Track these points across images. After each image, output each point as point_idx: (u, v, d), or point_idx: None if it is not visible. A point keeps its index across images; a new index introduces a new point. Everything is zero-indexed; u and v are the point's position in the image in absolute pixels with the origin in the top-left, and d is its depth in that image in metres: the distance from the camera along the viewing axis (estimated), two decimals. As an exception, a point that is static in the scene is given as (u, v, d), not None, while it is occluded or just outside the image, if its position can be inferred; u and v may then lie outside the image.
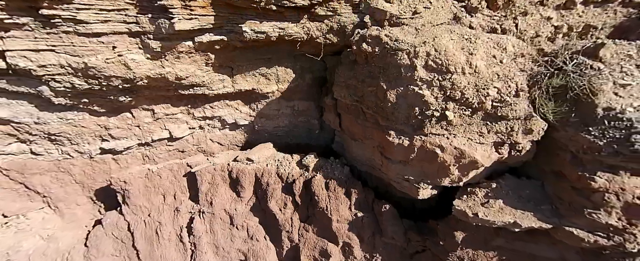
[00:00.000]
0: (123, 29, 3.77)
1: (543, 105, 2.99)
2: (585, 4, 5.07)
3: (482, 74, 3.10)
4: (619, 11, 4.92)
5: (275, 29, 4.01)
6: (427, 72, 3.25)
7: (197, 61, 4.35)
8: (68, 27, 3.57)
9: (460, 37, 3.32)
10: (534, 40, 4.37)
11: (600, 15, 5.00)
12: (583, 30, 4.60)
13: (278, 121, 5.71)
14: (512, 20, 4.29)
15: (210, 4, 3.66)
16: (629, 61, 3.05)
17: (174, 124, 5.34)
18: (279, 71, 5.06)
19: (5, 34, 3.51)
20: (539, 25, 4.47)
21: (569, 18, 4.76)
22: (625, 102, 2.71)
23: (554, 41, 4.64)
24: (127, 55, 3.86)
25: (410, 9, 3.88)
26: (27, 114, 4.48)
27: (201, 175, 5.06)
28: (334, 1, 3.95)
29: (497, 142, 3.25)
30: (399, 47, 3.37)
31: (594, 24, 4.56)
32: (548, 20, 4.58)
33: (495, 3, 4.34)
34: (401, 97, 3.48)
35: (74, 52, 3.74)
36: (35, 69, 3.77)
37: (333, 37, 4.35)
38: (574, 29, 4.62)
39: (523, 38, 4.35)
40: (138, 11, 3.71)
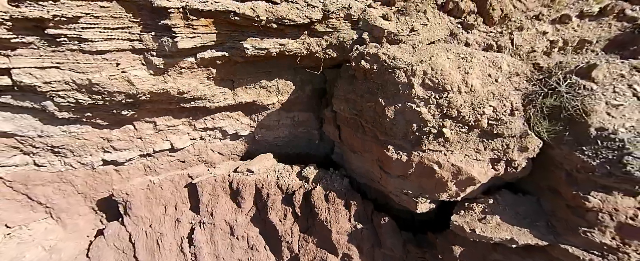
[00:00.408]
0: (126, 46, 3.85)
1: (538, 124, 3.05)
2: (580, 18, 5.17)
3: (477, 92, 3.17)
4: (613, 25, 5.00)
5: (275, 45, 4.09)
6: (424, 90, 3.32)
7: (199, 75, 4.43)
8: (73, 45, 3.65)
9: (457, 56, 3.40)
10: (530, 55, 4.44)
11: (595, 29, 5.09)
12: (578, 45, 4.67)
13: (278, 132, 5.77)
14: (508, 36, 4.37)
15: (212, 23, 3.74)
16: (621, 80, 3.12)
17: (175, 135, 5.41)
18: (279, 83, 5.14)
19: (12, 52, 3.59)
20: (534, 40, 4.54)
21: (564, 32, 4.84)
22: (617, 123, 2.77)
23: (550, 55, 4.72)
24: (130, 71, 3.93)
25: (407, 27, 3.96)
26: (31, 128, 4.55)
27: (202, 186, 5.11)
28: (333, 18, 4.03)
29: (494, 159, 3.30)
30: (397, 66, 3.44)
31: (589, 38, 4.64)
32: (543, 35, 4.66)
33: (491, 18, 4.42)
34: (399, 113, 3.55)
35: (79, 69, 3.82)
36: (40, 85, 3.85)
37: (332, 52, 4.43)
38: (570, 44, 4.69)
39: (519, 53, 4.44)
40: (141, 29, 3.80)
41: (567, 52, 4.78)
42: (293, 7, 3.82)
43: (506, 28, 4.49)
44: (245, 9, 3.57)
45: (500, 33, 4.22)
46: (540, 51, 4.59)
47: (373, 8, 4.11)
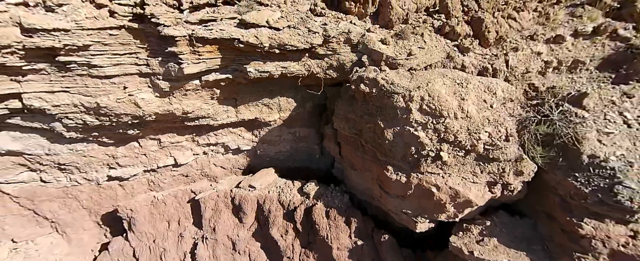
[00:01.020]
0: (134, 71, 3.99)
1: (532, 149, 3.15)
2: (574, 36, 5.30)
3: (473, 118, 3.28)
4: (606, 44, 5.13)
5: (278, 68, 4.22)
6: (422, 115, 3.43)
7: (203, 96, 4.55)
8: (82, 71, 3.78)
9: (453, 82, 3.51)
10: (525, 76, 4.56)
11: (589, 47, 5.22)
12: (572, 65, 4.79)
13: (280, 147, 5.88)
14: (503, 57, 4.49)
15: (217, 49, 3.88)
16: (612, 107, 3.22)
17: (179, 151, 5.52)
18: (281, 100, 5.26)
19: (23, 78, 3.72)
20: (529, 60, 4.66)
21: (558, 52, 4.97)
22: (608, 151, 2.86)
23: (545, 75, 4.83)
24: (137, 94, 4.06)
25: (405, 51, 4.09)
26: (38, 146, 4.66)
27: (205, 202, 5.20)
28: (333, 42, 4.17)
29: (490, 182, 3.39)
30: (395, 91, 3.56)
31: (583, 59, 4.76)
32: (538, 55, 4.78)
33: (486, 40, 4.56)
34: (398, 136, 3.65)
35: (87, 93, 3.95)
36: (49, 108, 3.97)
37: (332, 72, 4.55)
38: (564, 64, 4.81)
39: (514, 74, 4.55)
40: (148, 54, 3.94)
41: (562, 72, 4.90)
42: (295, 33, 3.96)
43: (501, 49, 4.61)
44: (249, 37, 3.71)
45: (495, 56, 4.34)
46: (535, 71, 4.71)
47: (372, 32, 4.24)
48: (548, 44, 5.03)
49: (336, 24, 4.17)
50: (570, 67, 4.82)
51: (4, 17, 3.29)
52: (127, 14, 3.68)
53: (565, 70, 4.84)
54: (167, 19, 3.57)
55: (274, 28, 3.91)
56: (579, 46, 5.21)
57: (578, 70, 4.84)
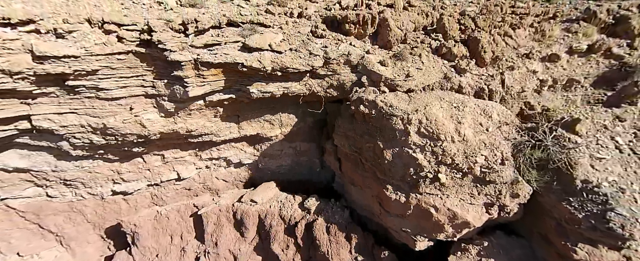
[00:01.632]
0: (140, 92, 4.10)
1: (527, 173, 3.24)
2: (569, 54, 5.43)
3: (470, 142, 3.37)
4: (601, 62, 5.25)
5: (279, 88, 4.34)
6: (420, 137, 3.53)
7: (206, 114, 4.66)
8: (90, 93, 3.90)
9: (450, 105, 3.62)
10: (521, 95, 4.66)
11: (584, 65, 5.34)
12: (567, 83, 4.90)
13: (281, 161, 5.97)
14: (499, 76, 4.59)
15: (221, 72, 4.00)
16: (604, 132, 3.32)
17: (182, 165, 5.61)
18: (282, 116, 5.37)
19: (32, 100, 3.84)
20: (525, 79, 4.77)
21: (553, 71, 5.08)
22: (601, 176, 2.95)
23: (540, 93, 4.94)
24: (143, 115, 4.17)
25: (403, 72, 4.20)
26: (45, 163, 4.77)
27: (207, 217, 5.28)
28: (334, 64, 4.28)
29: (487, 203, 3.48)
30: (394, 113, 3.66)
31: (577, 78, 4.87)
32: (534, 73, 4.90)
33: (483, 60, 4.67)
34: (397, 156, 3.74)
35: (94, 114, 4.06)
36: (57, 129, 4.08)
37: (333, 91, 4.66)
38: (559, 82, 4.92)
39: (510, 93, 4.66)
40: (154, 77, 4.06)
41: (557, 90, 5.01)
42: (296, 56, 4.08)
43: (498, 68, 4.73)
44: (252, 61, 3.83)
45: (491, 76, 4.45)
46: (531, 90, 4.82)
47: (371, 54, 4.36)
48: (543, 62, 5.15)
49: (336, 46, 4.30)
50: (565, 85, 4.93)
51: (16, 45, 3.42)
52: (134, 39, 3.81)
53: (560, 88, 4.95)
54: (173, 45, 3.70)
55: (276, 51, 4.03)
56: (574, 64, 5.34)
57: (573, 88, 4.96)
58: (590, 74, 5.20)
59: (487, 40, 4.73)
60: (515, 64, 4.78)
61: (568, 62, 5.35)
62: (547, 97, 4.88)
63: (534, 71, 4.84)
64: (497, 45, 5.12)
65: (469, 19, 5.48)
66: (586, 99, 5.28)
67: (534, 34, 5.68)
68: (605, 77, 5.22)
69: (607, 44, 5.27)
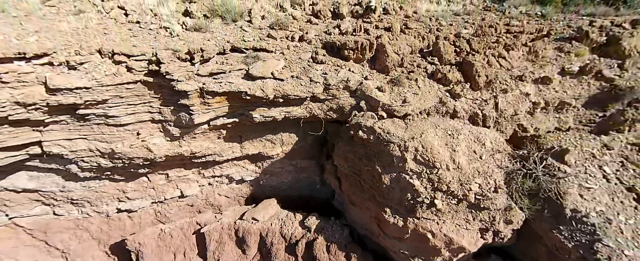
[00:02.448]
0: (147, 118, 4.26)
1: (519, 200, 3.37)
2: (562, 74, 5.60)
3: (464, 170, 3.51)
4: (592, 84, 5.42)
5: (281, 113, 4.50)
6: (417, 164, 3.67)
7: (210, 137, 4.82)
8: (99, 120, 4.06)
9: (445, 133, 3.77)
10: (514, 118, 4.82)
11: (576, 87, 5.51)
12: (559, 106, 5.05)
13: (281, 177, 6.11)
14: (493, 100, 4.75)
15: (226, 99, 4.16)
16: (593, 160, 3.45)
17: (185, 183, 5.75)
18: (283, 136, 5.52)
19: (44, 128, 4.00)
20: (518, 102, 4.93)
21: (546, 93, 5.25)
22: (589, 206, 3.08)
23: (533, 115, 5.09)
24: (149, 140, 4.32)
25: (400, 98, 4.37)
26: (53, 184, 4.91)
27: (209, 235, 5.40)
28: (333, 89, 4.45)
29: (482, 228, 3.60)
30: (391, 140, 3.81)
31: (568, 100, 5.02)
32: (526, 96, 5.06)
33: (477, 83, 4.83)
34: (395, 181, 3.88)
35: (103, 139, 4.21)
36: (67, 153, 4.23)
37: (333, 113, 4.82)
38: (551, 105, 5.08)
39: (504, 116, 4.81)
40: (161, 103, 4.22)
41: (549, 111, 5.17)
42: (298, 84, 4.25)
43: (491, 92, 4.89)
44: (255, 90, 4.00)
45: (485, 101, 4.61)
46: (524, 112, 4.97)
47: (369, 80, 4.53)
48: (536, 84, 5.31)
49: (336, 73, 4.47)
50: (557, 107, 5.09)
51: (30, 77, 3.59)
52: (143, 68, 3.98)
53: (552, 110, 5.11)
54: (180, 75, 3.87)
55: (279, 79, 4.20)
56: (566, 85, 5.51)
57: (565, 110, 5.11)
58: (582, 95, 5.36)
59: (481, 65, 4.90)
60: (509, 87, 4.94)
61: (560, 84, 5.53)
62: (540, 120, 5.04)
63: (527, 93, 5.00)
64: (491, 66, 5.30)
65: (463, 41, 5.68)
66: (578, 119, 5.45)
67: (528, 55, 5.88)
68: (596, 99, 5.39)
69: (598, 67, 5.45)
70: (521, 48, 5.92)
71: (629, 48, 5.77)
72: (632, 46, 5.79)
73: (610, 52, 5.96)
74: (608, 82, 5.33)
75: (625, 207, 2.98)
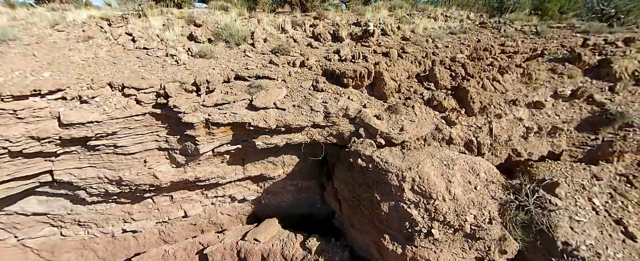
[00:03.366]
0: (154, 146, 4.43)
1: (513, 231, 3.50)
2: (554, 98, 5.77)
3: (460, 200, 3.65)
4: (584, 108, 5.59)
5: (283, 140, 4.66)
6: (414, 194, 3.81)
7: (214, 162, 4.97)
8: (108, 150, 4.22)
9: (440, 163, 3.92)
10: (508, 143, 4.97)
11: (568, 110, 5.68)
12: (552, 131, 5.21)
13: (283, 197, 6.24)
14: (487, 125, 4.91)
15: (230, 129, 4.33)
16: (583, 192, 3.59)
17: (188, 204, 5.88)
18: (284, 158, 5.67)
19: (56, 158, 4.16)
20: (512, 127, 5.09)
21: (539, 118, 5.42)
22: (579, 239, 3.21)
23: (527, 139, 5.25)
24: (156, 167, 4.48)
25: (397, 126, 4.53)
26: (62, 208, 5.05)
27: (212, 255, 5.50)
28: (333, 117, 4.62)
29: (478, 257, 3.71)
30: (389, 170, 3.96)
31: (560, 126, 5.18)
32: (520, 121, 5.22)
33: (471, 110, 5.00)
34: (393, 210, 4.01)
35: (111, 167, 4.37)
36: (77, 181, 4.38)
37: (333, 138, 4.98)
38: (544, 129, 5.24)
39: (498, 141, 4.96)
40: (168, 132, 4.39)
41: (542, 135, 5.33)
42: (299, 113, 4.42)
43: (486, 117, 5.05)
44: (259, 121, 4.17)
45: (479, 128, 4.77)
46: (518, 137, 5.13)
47: (367, 108, 4.70)
48: (529, 109, 5.49)
49: (335, 101, 4.64)
50: (550, 132, 5.25)
51: (44, 112, 3.77)
52: (151, 100, 4.16)
53: (545, 134, 5.27)
54: (187, 107, 4.04)
55: (281, 108, 4.38)
56: (559, 108, 5.69)
57: (557, 134, 5.27)
58: (574, 119, 5.53)
59: (476, 91, 5.08)
60: (503, 111, 5.11)
61: (553, 107, 5.70)
62: (534, 144, 5.19)
63: (520, 118, 5.17)
64: (486, 90, 5.48)
65: (459, 65, 5.87)
66: (571, 141, 5.60)
67: (521, 77, 6.07)
68: (588, 122, 5.55)
69: (589, 91, 5.63)
70: (515, 70, 6.12)
71: (620, 71, 5.97)
72: (622, 69, 6.00)
73: (602, 74, 6.16)
74: (599, 106, 5.50)
75: (614, 240, 3.10)
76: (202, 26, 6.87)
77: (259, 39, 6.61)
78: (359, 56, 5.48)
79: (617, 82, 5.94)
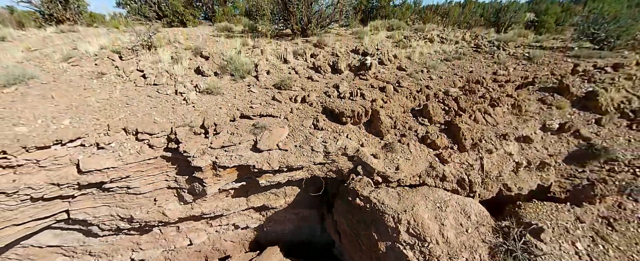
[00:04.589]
0: (164, 185, 4.70)
1: (503, 274, 3.71)
2: (543, 130, 6.05)
3: (452, 244, 3.88)
4: (571, 141, 5.86)
5: (285, 177, 4.93)
6: (410, 236, 4.04)
7: (220, 197, 5.23)
8: (121, 191, 4.49)
9: (434, 205, 4.17)
10: (499, 178, 5.22)
11: (556, 143, 5.95)
12: (540, 165, 5.47)
13: (284, 225, 6.47)
14: (479, 163, 5.17)
15: (235, 170, 4.61)
16: (567, 236, 3.82)
17: (194, 233, 6.11)
18: (286, 189, 5.92)
19: (72, 199, 4.43)
20: (502, 163, 5.35)
21: (528, 152, 5.68)
22: (563, 284, 3.42)
23: (517, 173, 5.50)
24: (165, 206, 4.74)
25: (393, 165, 4.80)
26: (75, 240, 5.28)
27: (217, 284, 5.70)
28: (332, 155, 4.90)
29: (470, 297, 3.92)
30: (385, 211, 4.21)
31: (548, 161, 5.44)
32: (510, 156, 5.49)
33: (463, 146, 5.27)
34: (390, 250, 4.24)
35: (123, 206, 4.63)
36: (91, 219, 4.64)
37: (332, 174, 5.25)
38: (533, 164, 5.50)
39: (490, 177, 5.22)
40: (177, 172, 4.67)
41: (532, 170, 5.58)
42: (300, 154, 4.71)
43: (477, 152, 5.32)
44: (263, 164, 4.45)
45: (471, 166, 5.03)
46: (508, 172, 5.39)
47: (365, 147, 4.99)
48: (519, 143, 5.76)
49: (335, 141, 4.93)
50: (539, 166, 5.51)
51: (64, 160, 4.06)
52: (162, 144, 4.46)
53: (534, 169, 5.52)
54: (196, 152, 4.33)
55: (283, 150, 4.66)
56: (547, 141, 5.96)
57: (546, 169, 5.53)
58: (561, 152, 5.80)
59: (467, 128, 5.36)
60: (494, 146, 5.38)
61: (542, 140, 5.98)
62: (523, 178, 5.44)
63: (510, 153, 5.44)
64: (478, 122, 5.77)
65: (451, 99, 6.19)
66: (559, 173, 5.85)
67: (512, 108, 6.37)
68: (575, 156, 5.82)
69: (576, 126, 5.92)
70: (506, 101, 6.43)
71: (606, 104, 6.27)
72: (608, 102, 6.30)
73: (590, 106, 6.46)
74: (585, 140, 5.78)
75: (596, 286, 3.31)
76: (209, 59, 7.24)
77: (263, 71, 6.96)
78: (357, 94, 5.80)
79: (603, 115, 6.23)
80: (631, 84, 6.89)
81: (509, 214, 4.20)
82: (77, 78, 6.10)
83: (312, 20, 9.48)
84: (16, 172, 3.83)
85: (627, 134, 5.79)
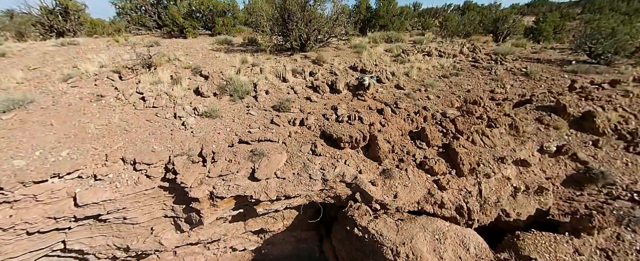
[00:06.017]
0: (160, 215, 4.67)
1: (501, 309, 3.68)
2: (541, 152, 6.06)
3: (450, 277, 3.86)
4: (568, 164, 5.87)
5: (283, 205, 4.91)
6: (407, 269, 4.02)
7: (217, 223, 5.20)
8: (118, 221, 4.47)
9: (432, 237, 4.15)
10: (497, 204, 5.22)
11: (554, 166, 5.96)
12: (538, 190, 5.47)
13: (282, 248, 6.41)
14: (477, 189, 5.17)
15: (232, 199, 4.60)
16: (565, 270, 3.80)
17: (191, 256, 6.04)
18: (284, 213, 5.90)
19: (69, 230, 4.40)
20: (500, 188, 5.35)
21: (526, 177, 5.69)
22: (563, 322, 3.39)
23: (515, 198, 5.50)
24: (162, 235, 4.71)
25: (392, 192, 4.80)
26: (70, 268, 5.23)
27: (215, 310, 5.62)
28: (330, 182, 4.90)
29: None
30: (384, 243, 4.19)
31: (546, 186, 5.45)
32: (508, 180, 5.49)
33: (461, 171, 5.28)
34: (388, 280, 4.21)
35: (120, 236, 4.60)
36: (87, 249, 4.60)
37: (330, 200, 5.23)
38: (531, 188, 5.50)
39: (488, 202, 5.21)
40: (174, 201, 4.65)
41: (530, 194, 5.58)
42: (298, 183, 4.70)
43: (475, 177, 5.32)
44: (260, 194, 4.44)
45: (469, 193, 5.03)
46: (506, 196, 5.38)
47: (363, 174, 4.99)
48: (517, 166, 5.77)
49: (333, 168, 4.93)
50: (537, 191, 5.51)
51: (62, 193, 4.05)
52: (160, 174, 4.45)
53: (532, 193, 5.52)
54: (193, 182, 4.33)
55: (280, 178, 4.66)
56: (545, 164, 5.97)
57: (544, 193, 5.52)
58: (559, 175, 5.81)
59: (465, 152, 5.37)
60: (492, 170, 5.38)
61: (540, 162, 5.99)
62: (522, 203, 5.43)
63: (508, 177, 5.44)
64: (475, 144, 5.78)
65: (449, 121, 6.22)
66: (558, 195, 5.84)
67: (510, 129, 6.39)
68: (573, 179, 5.82)
69: (573, 149, 5.94)
70: (504, 121, 6.45)
71: (603, 126, 6.30)
72: (605, 124, 6.33)
73: (586, 127, 6.49)
74: (583, 164, 5.79)
75: None
76: (209, 78, 7.28)
77: (261, 91, 7.00)
78: (355, 118, 5.83)
79: (601, 136, 6.26)
80: (628, 101, 6.95)
81: (507, 246, 4.18)
82: (77, 101, 6.12)
83: (311, 36, 9.58)
84: (13, 207, 3.81)
85: (624, 157, 5.80)
